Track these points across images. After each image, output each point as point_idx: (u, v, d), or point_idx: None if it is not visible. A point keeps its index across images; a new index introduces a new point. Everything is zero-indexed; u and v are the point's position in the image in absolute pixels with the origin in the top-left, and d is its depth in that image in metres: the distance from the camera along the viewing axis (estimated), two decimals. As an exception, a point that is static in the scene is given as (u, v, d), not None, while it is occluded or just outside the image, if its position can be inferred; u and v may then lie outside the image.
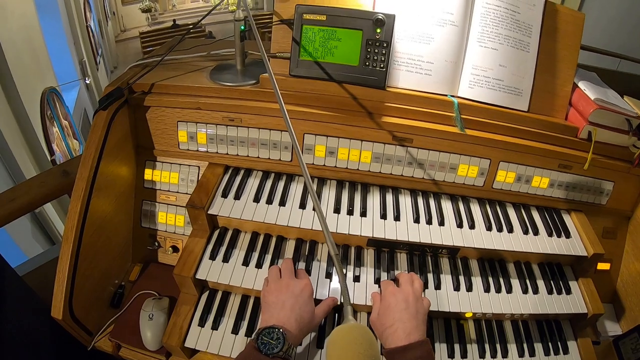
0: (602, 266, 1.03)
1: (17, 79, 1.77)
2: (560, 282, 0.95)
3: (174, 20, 2.73)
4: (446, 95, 0.93)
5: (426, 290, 0.89)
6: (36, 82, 1.97)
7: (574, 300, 0.92)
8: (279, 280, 0.82)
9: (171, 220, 1.01)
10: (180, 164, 1.02)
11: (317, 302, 0.83)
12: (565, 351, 0.92)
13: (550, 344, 0.92)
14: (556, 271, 0.97)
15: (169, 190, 1.02)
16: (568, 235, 0.97)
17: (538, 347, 0.91)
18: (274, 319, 0.74)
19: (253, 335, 0.72)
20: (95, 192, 0.87)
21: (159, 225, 1.02)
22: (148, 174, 1.02)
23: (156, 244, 1.02)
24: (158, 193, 1.02)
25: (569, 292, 0.94)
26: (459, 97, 0.94)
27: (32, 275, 1.24)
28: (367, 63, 0.89)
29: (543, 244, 0.94)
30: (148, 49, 2.62)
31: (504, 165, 0.96)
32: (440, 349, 0.87)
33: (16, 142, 1.82)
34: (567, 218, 1.02)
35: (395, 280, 0.86)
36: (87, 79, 2.32)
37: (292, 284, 0.80)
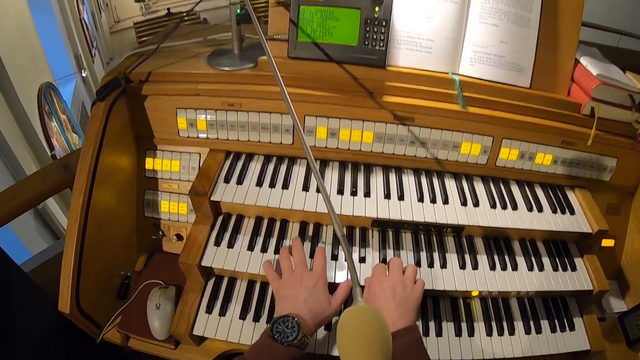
0: (607, 243, 1.03)
1: (12, 77, 1.76)
2: (566, 259, 0.95)
3: (168, 9, 2.68)
4: (447, 73, 0.92)
5: (432, 269, 0.89)
6: (32, 79, 1.95)
7: (579, 277, 0.92)
8: (292, 273, 0.81)
9: (174, 208, 1.00)
10: (181, 152, 1.01)
11: (329, 284, 0.83)
12: (572, 328, 0.92)
13: (556, 321, 0.92)
14: (561, 248, 0.97)
15: (170, 179, 1.01)
16: (572, 212, 0.97)
17: (544, 324, 0.91)
18: (288, 309, 0.74)
19: (268, 325, 0.72)
20: (97, 184, 0.86)
21: (162, 214, 1.02)
22: (149, 163, 1.02)
23: (160, 233, 1.02)
24: (160, 182, 1.02)
25: (574, 269, 0.94)
26: (460, 74, 0.93)
27: (38, 271, 1.24)
28: (367, 42, 0.87)
29: (547, 221, 0.93)
30: (143, 39, 2.58)
31: (507, 142, 0.95)
32: (447, 328, 0.88)
33: (15, 139, 1.81)
34: (571, 195, 1.01)
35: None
36: (83, 72, 2.29)
37: (305, 276, 0.79)
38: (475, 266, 0.90)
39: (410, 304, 0.76)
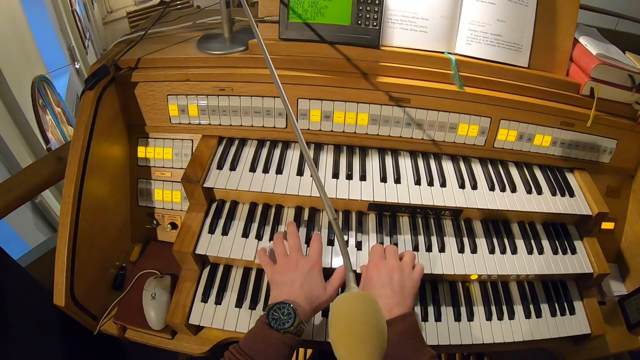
0: (606, 225, 1.02)
1: (5, 71, 1.74)
2: (565, 242, 0.93)
3: (161, -3, 2.66)
4: (443, 53, 0.90)
5: (430, 253, 0.87)
6: (25, 72, 1.94)
7: (579, 260, 0.91)
8: (287, 258, 0.79)
9: (168, 196, 0.99)
10: (173, 139, 0.99)
11: (326, 269, 0.81)
12: (572, 312, 0.91)
13: (556, 304, 0.91)
14: (561, 231, 0.96)
15: (163, 167, 1.00)
16: (572, 194, 0.95)
17: (544, 308, 0.91)
18: (284, 295, 0.72)
19: (264, 312, 0.71)
20: (88, 174, 0.85)
21: (156, 203, 1.00)
22: (141, 151, 1.00)
23: (154, 222, 1.00)
24: (153, 170, 1.00)
25: (574, 252, 0.92)
26: (456, 54, 0.91)
27: (35, 265, 1.23)
28: (360, 22, 0.85)
29: (547, 203, 0.92)
30: (136, 29, 2.57)
31: (505, 123, 0.93)
32: (447, 312, 0.87)
33: (10, 134, 1.80)
34: (570, 177, 1.00)
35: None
36: (76, 63, 2.28)
37: (300, 261, 0.78)
38: (474, 250, 0.89)
39: (407, 290, 0.75)
